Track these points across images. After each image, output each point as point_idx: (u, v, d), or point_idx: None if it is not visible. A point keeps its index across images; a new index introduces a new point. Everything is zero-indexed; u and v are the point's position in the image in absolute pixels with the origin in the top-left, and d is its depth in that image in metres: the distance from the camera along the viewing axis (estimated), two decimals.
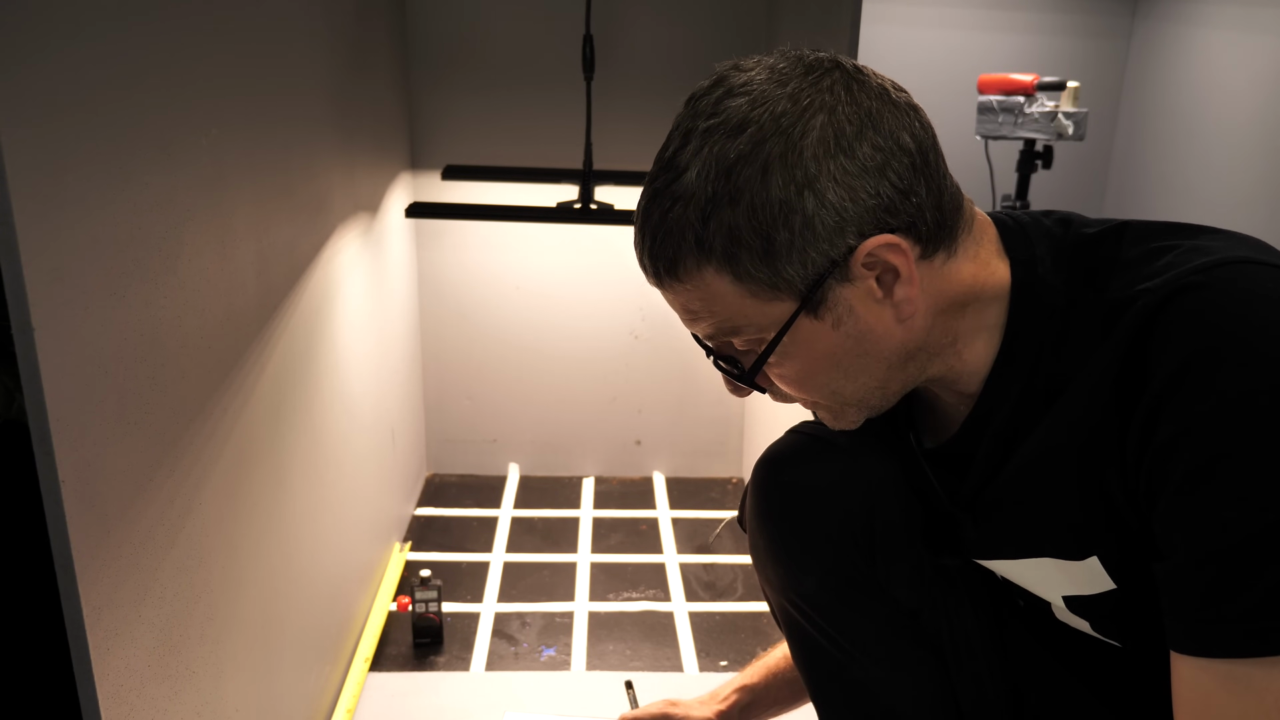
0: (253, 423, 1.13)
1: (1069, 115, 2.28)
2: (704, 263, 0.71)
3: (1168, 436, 0.64)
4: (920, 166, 0.71)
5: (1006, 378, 0.76)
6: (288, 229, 1.25)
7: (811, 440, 0.97)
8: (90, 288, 0.76)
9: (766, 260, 0.70)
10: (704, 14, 2.07)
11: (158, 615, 0.89)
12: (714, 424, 2.35)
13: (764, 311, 0.73)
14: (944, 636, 0.96)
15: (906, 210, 0.71)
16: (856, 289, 0.72)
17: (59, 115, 0.71)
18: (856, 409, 0.81)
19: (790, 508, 0.97)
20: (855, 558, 0.95)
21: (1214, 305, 0.63)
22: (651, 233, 0.73)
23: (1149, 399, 0.64)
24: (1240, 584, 0.61)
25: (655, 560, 2.03)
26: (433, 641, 1.72)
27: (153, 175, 0.86)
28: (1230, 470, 0.61)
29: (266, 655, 1.20)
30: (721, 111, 0.70)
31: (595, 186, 1.94)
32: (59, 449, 0.71)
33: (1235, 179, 2.37)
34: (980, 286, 0.76)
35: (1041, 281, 0.74)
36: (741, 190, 0.69)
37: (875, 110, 0.70)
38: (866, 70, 0.73)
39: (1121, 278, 0.70)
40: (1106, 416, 0.69)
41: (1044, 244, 0.76)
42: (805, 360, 0.76)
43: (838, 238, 0.70)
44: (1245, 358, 0.61)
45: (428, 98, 2.07)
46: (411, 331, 2.15)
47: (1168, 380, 0.63)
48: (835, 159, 0.69)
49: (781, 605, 1.03)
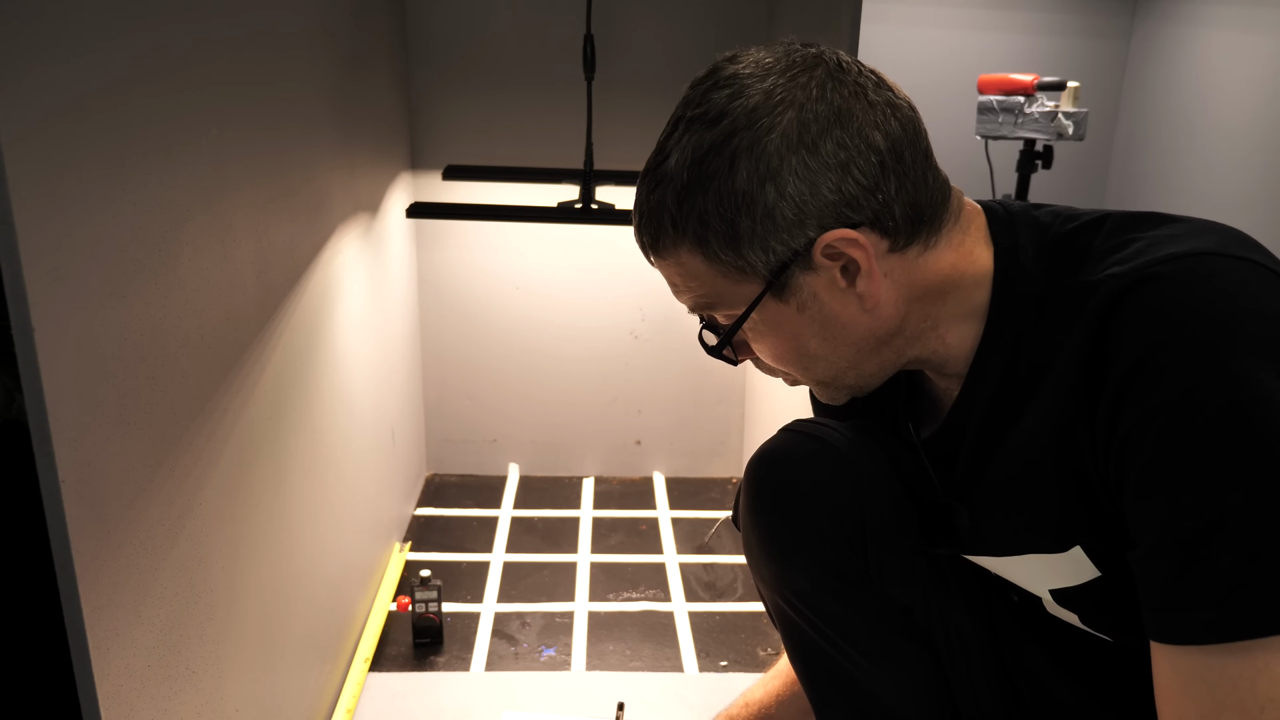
0: (253, 423, 1.13)
1: (1069, 115, 2.28)
2: (679, 242, 0.76)
3: (1128, 426, 0.66)
4: (891, 164, 0.73)
5: (988, 364, 0.78)
6: (288, 229, 1.25)
7: (804, 438, 0.98)
8: (90, 288, 0.76)
9: (732, 244, 0.74)
10: (704, 14, 2.07)
11: (158, 615, 0.89)
12: (714, 424, 2.35)
13: (734, 291, 0.77)
14: (937, 632, 0.97)
15: (871, 206, 0.73)
16: (820, 277, 0.75)
17: (59, 116, 0.71)
18: (834, 387, 0.85)
19: (782, 504, 0.98)
20: (848, 554, 0.95)
21: (1170, 299, 0.65)
22: (639, 211, 0.79)
23: (1111, 388, 0.66)
24: (1197, 573, 0.63)
25: (655, 560, 2.03)
26: (433, 641, 1.72)
27: (153, 176, 0.86)
28: (1181, 462, 0.63)
29: (267, 655, 1.20)
30: (705, 102, 0.74)
31: (596, 186, 1.94)
32: (59, 449, 0.71)
33: (1235, 179, 2.37)
34: (961, 275, 0.78)
35: (1022, 269, 0.76)
36: (711, 178, 0.73)
37: (845, 108, 0.73)
38: (851, 67, 0.75)
39: (1093, 265, 0.72)
40: (1078, 404, 0.70)
41: (1029, 232, 0.78)
42: (776, 339, 0.80)
43: (797, 229, 0.73)
44: (1193, 352, 0.63)
45: (428, 98, 2.07)
46: (411, 331, 2.15)
47: (1126, 371, 0.65)
48: (798, 153, 0.72)
49: (776, 603, 1.03)
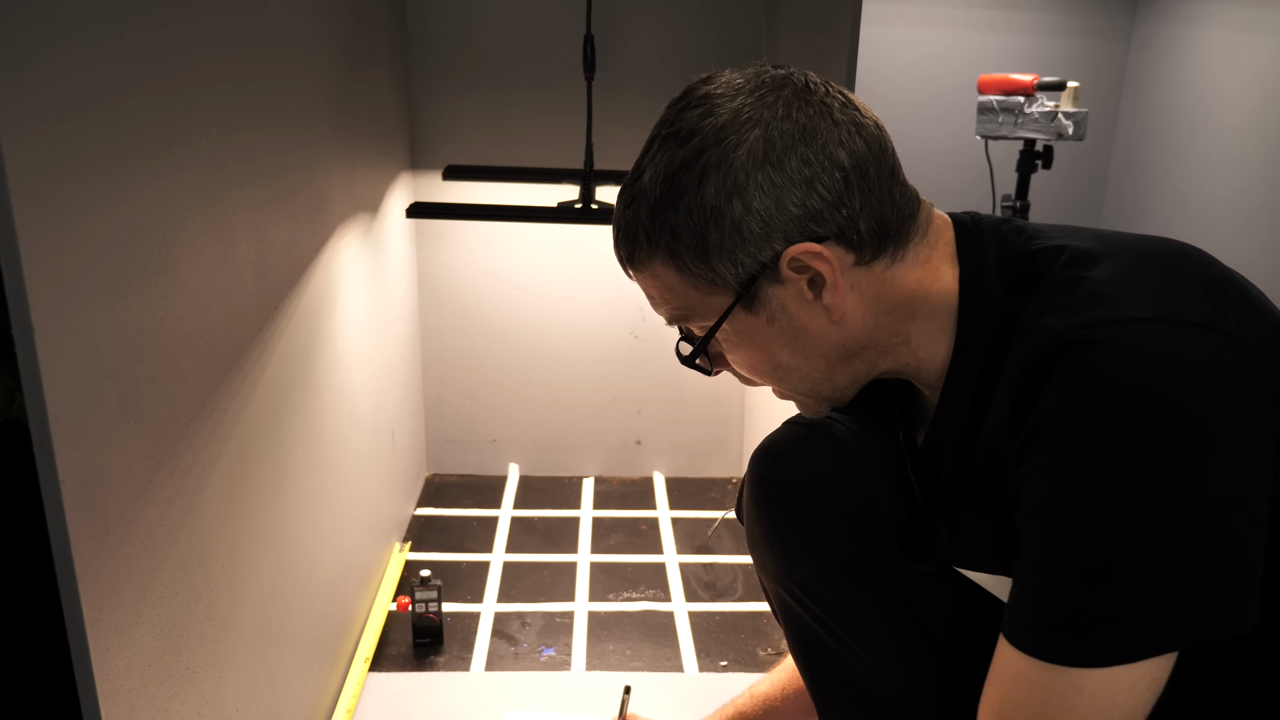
0: (253, 423, 1.13)
1: (1069, 115, 2.28)
2: (653, 255, 0.80)
3: (1030, 468, 0.73)
4: (855, 180, 0.76)
5: (960, 385, 0.82)
6: (288, 229, 1.25)
7: (808, 430, 1.00)
8: (90, 288, 0.76)
9: (702, 257, 0.78)
10: (704, 14, 2.07)
11: (158, 615, 0.89)
12: (714, 424, 2.35)
13: (707, 303, 0.81)
14: (938, 625, 0.98)
15: (836, 220, 0.76)
16: (788, 290, 0.79)
17: (60, 116, 0.71)
18: (811, 398, 0.89)
19: (786, 494, 0.99)
20: (850, 544, 0.97)
21: (1094, 369, 0.69)
22: (616, 226, 0.83)
23: (1027, 430, 0.72)
24: (1049, 603, 0.72)
25: (655, 560, 2.03)
26: (433, 641, 1.72)
27: (153, 176, 0.86)
28: (1061, 513, 0.71)
29: (267, 655, 1.20)
30: (678, 121, 0.78)
31: (596, 186, 1.94)
32: (59, 449, 0.71)
33: (1235, 179, 2.37)
34: (927, 290, 0.81)
35: (985, 290, 0.80)
36: (681, 193, 0.76)
37: (810, 127, 0.76)
38: (819, 88, 0.78)
39: (1042, 298, 0.76)
40: (1007, 435, 0.75)
41: (994, 250, 0.81)
42: (748, 350, 0.84)
43: (764, 242, 0.77)
44: (1100, 423, 0.68)
45: (428, 98, 2.07)
46: (411, 331, 2.15)
47: (1042, 421, 0.71)
48: (763, 170, 0.75)
49: (778, 594, 1.05)
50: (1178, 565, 0.68)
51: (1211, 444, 0.67)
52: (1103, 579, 0.69)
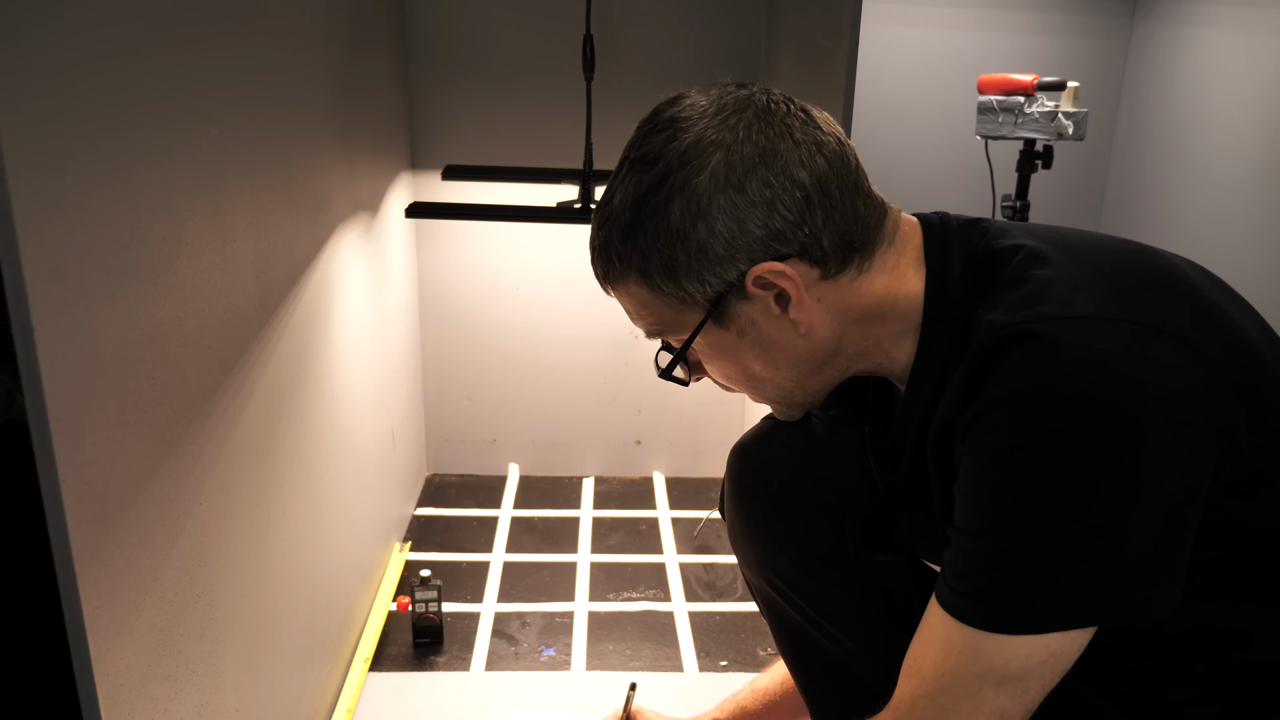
0: (253, 423, 1.13)
1: (1069, 115, 2.28)
2: (626, 275, 0.84)
3: (968, 448, 0.76)
4: (817, 199, 0.79)
5: (920, 385, 0.84)
6: (287, 229, 1.25)
7: (781, 422, 1.03)
8: (90, 288, 0.76)
9: (671, 277, 0.81)
10: (704, 14, 2.07)
11: (157, 615, 0.89)
12: (714, 424, 2.35)
13: (680, 319, 0.85)
14: (916, 612, 0.99)
15: (798, 239, 0.79)
16: (755, 306, 0.82)
17: (59, 116, 0.71)
18: (785, 405, 0.94)
19: (761, 483, 1.03)
20: (826, 532, 0.99)
21: (1036, 363, 0.72)
22: (591, 247, 0.86)
23: (971, 413, 0.75)
24: (973, 570, 0.76)
25: (655, 560, 2.03)
26: (433, 641, 1.72)
27: (153, 175, 0.86)
28: (991, 492, 0.75)
29: (266, 655, 1.20)
30: (645, 144, 0.81)
31: (595, 186, 1.94)
32: (59, 449, 0.71)
33: (1235, 179, 2.37)
34: (895, 296, 0.83)
35: (948, 291, 0.82)
36: (650, 217, 0.80)
37: (770, 149, 0.78)
38: (779, 108, 0.81)
39: (997, 294, 0.78)
40: (958, 413, 0.78)
41: (960, 251, 0.83)
42: (722, 361, 0.88)
43: (729, 263, 0.80)
44: (1036, 415, 0.71)
45: (428, 98, 2.07)
46: (411, 331, 2.15)
47: (984, 406, 0.74)
48: (725, 193, 0.78)
49: (760, 586, 1.07)
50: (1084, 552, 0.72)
51: (1139, 440, 0.70)
52: (1014, 557, 0.74)
